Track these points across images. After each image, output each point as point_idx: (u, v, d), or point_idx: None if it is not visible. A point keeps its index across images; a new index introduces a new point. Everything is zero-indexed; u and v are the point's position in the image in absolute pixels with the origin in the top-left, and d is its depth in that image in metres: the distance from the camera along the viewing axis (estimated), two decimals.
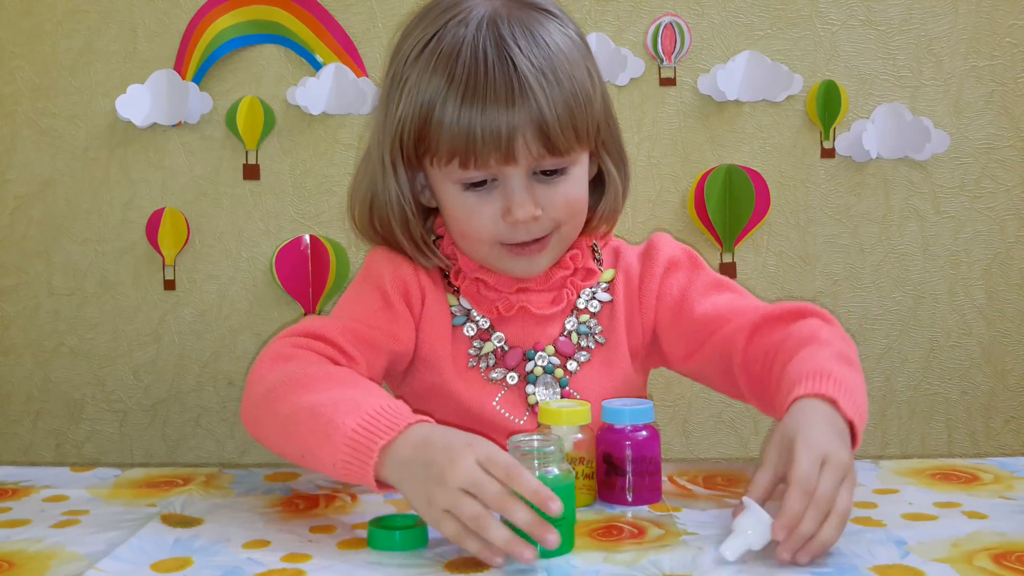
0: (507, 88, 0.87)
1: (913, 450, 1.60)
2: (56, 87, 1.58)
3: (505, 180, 0.91)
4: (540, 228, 0.93)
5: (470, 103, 0.88)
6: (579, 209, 0.96)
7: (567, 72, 0.90)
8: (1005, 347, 1.60)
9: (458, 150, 0.89)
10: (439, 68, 0.90)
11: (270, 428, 0.84)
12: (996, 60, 1.57)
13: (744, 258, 1.59)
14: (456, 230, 0.96)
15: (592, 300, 0.99)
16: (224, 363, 1.60)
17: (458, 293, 0.98)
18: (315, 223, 1.59)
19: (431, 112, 0.90)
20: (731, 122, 1.58)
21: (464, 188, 0.92)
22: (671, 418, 1.59)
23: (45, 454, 1.61)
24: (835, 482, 0.72)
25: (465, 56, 0.88)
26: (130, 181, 1.59)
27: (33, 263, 1.60)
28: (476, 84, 0.88)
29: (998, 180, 1.59)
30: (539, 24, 0.91)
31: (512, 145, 0.88)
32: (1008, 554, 0.70)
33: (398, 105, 0.93)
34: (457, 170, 0.90)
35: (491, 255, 0.95)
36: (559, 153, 0.90)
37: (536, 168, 0.91)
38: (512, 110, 0.87)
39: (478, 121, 0.88)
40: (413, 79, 0.91)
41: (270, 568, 0.70)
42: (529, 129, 0.88)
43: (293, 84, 1.56)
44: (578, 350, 0.98)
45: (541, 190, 0.92)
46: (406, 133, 0.92)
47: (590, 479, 0.84)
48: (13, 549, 0.75)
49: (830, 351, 0.86)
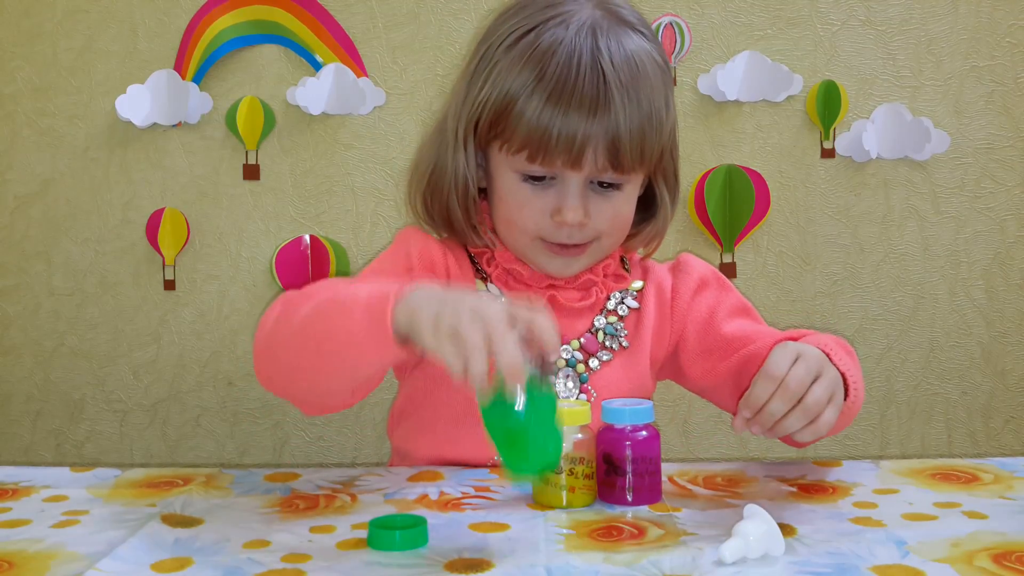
0: (593, 97, 0.90)
1: (913, 450, 1.60)
2: (56, 87, 1.58)
3: (564, 181, 0.93)
4: (583, 235, 0.95)
5: (555, 103, 0.90)
6: (623, 225, 0.98)
7: (648, 94, 0.92)
8: (1005, 347, 1.60)
9: (531, 144, 0.91)
10: (531, 62, 0.91)
11: (284, 346, 0.83)
12: (996, 60, 1.57)
13: (744, 258, 1.59)
14: (503, 216, 0.97)
15: (621, 304, 1.02)
16: (224, 363, 1.60)
17: (487, 280, 0.99)
18: (315, 223, 1.59)
19: (514, 102, 0.91)
20: (731, 122, 1.58)
21: (523, 179, 0.94)
22: (671, 418, 1.59)
23: (45, 454, 1.61)
24: (807, 372, 0.77)
25: (560, 57, 0.90)
26: (130, 181, 1.59)
27: (33, 263, 1.60)
28: (564, 86, 0.90)
29: (998, 180, 1.59)
30: (631, 40, 0.93)
31: (582, 152, 0.90)
32: (1008, 554, 0.70)
33: (482, 86, 0.94)
34: (523, 162, 0.93)
35: (530, 247, 0.97)
36: (623, 170, 0.93)
37: (595, 178, 0.94)
38: (592, 119, 0.90)
39: (558, 122, 0.90)
40: (503, 65, 0.93)
41: (270, 568, 0.70)
42: (602, 141, 0.90)
43: (293, 84, 1.56)
44: (601, 349, 1.00)
45: (594, 200, 0.94)
46: (484, 114, 0.94)
47: (590, 479, 0.84)
48: (13, 549, 0.75)
49: (823, 339, 0.89)
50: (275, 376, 0.86)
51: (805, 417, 0.78)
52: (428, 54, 1.58)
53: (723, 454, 1.58)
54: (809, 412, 0.78)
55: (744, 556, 0.70)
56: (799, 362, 0.79)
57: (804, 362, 0.79)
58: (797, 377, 0.78)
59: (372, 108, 1.57)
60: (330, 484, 0.92)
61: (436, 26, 1.57)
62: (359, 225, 1.59)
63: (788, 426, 0.78)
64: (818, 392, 0.79)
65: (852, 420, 0.88)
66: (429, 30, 1.57)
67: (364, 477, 0.94)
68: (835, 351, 0.85)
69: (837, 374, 0.83)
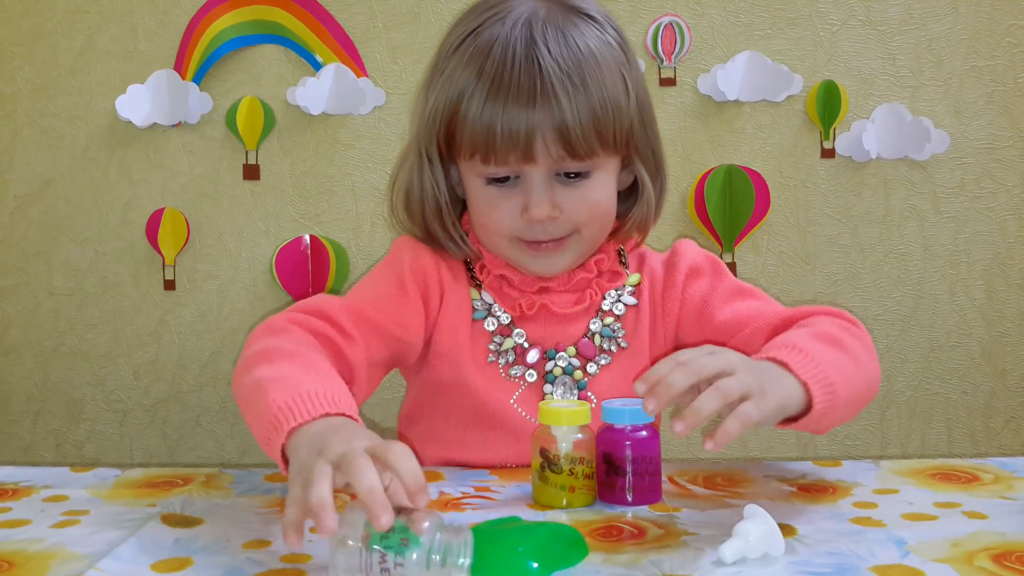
0: (530, 88, 0.88)
1: (913, 450, 1.60)
2: (56, 87, 1.58)
3: (526, 178, 0.92)
4: (558, 229, 0.93)
5: (493, 99, 0.89)
6: (600, 213, 0.95)
7: (597, 78, 0.90)
8: (1005, 347, 1.60)
9: (479, 145, 0.90)
10: (472, 62, 0.91)
11: (237, 397, 0.85)
12: (996, 60, 1.57)
13: (744, 258, 1.59)
14: (478, 222, 0.97)
15: (617, 303, 0.99)
16: (224, 363, 1.60)
17: (481, 287, 0.99)
18: (315, 223, 1.59)
19: (459, 105, 0.91)
20: (731, 122, 1.58)
21: (487, 183, 0.93)
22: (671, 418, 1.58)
23: (45, 454, 1.61)
24: (714, 363, 0.74)
25: (495, 53, 0.90)
26: (130, 181, 1.59)
27: (33, 263, 1.60)
28: (501, 81, 0.89)
29: (998, 180, 1.59)
30: (575, 28, 0.92)
31: (531, 145, 0.89)
32: (1008, 554, 0.70)
33: (435, 96, 0.94)
34: (479, 165, 0.92)
35: (509, 249, 0.96)
36: (579, 157, 0.91)
37: (559, 169, 0.92)
38: (532, 110, 0.88)
39: (499, 119, 0.89)
40: (449, 71, 0.93)
41: (270, 568, 0.70)
42: (549, 131, 0.89)
43: (293, 84, 1.56)
44: (599, 353, 0.98)
45: (562, 191, 0.92)
46: (438, 124, 0.93)
47: (590, 479, 0.84)
48: (13, 549, 0.75)
49: (809, 331, 0.86)
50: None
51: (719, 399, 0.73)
52: (428, 54, 1.56)
53: (723, 454, 1.58)
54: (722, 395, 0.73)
55: (744, 556, 0.70)
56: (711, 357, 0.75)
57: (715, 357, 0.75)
58: (696, 360, 0.74)
59: (372, 108, 1.57)
60: None
61: (436, 26, 1.57)
62: (359, 225, 1.59)
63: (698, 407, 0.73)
64: (729, 383, 0.74)
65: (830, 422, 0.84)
66: (429, 30, 1.57)
67: None
68: (796, 360, 0.80)
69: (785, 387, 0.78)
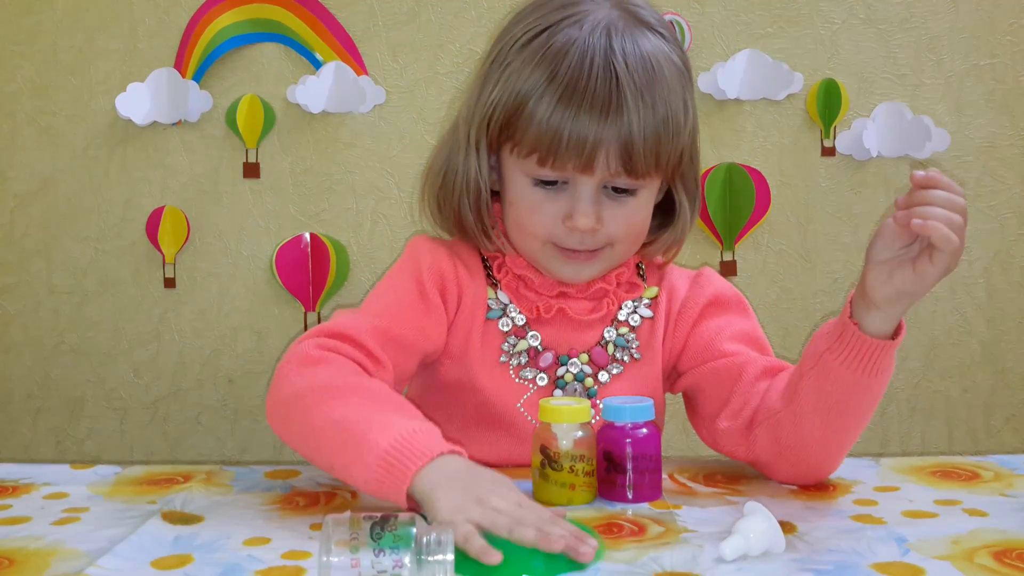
0: (605, 100, 0.87)
1: (913, 447, 1.60)
2: (56, 85, 1.58)
3: (575, 186, 0.91)
4: (594, 241, 0.93)
5: (565, 105, 0.88)
6: (637, 232, 0.95)
7: (664, 97, 0.90)
8: (1006, 345, 1.60)
9: (541, 147, 0.89)
10: (544, 62, 0.89)
11: (299, 435, 0.84)
12: (996, 58, 1.57)
13: (744, 256, 1.59)
14: (514, 220, 0.96)
15: (634, 314, 0.98)
16: (224, 361, 1.60)
17: (497, 287, 0.98)
18: (315, 221, 1.59)
19: (525, 103, 0.90)
20: (731, 120, 1.58)
21: (534, 183, 0.92)
22: (671, 415, 1.58)
23: (45, 451, 1.61)
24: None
25: (572, 58, 0.88)
26: (130, 179, 1.59)
27: (33, 261, 1.60)
28: (576, 88, 0.88)
29: (998, 179, 1.59)
30: (650, 44, 0.91)
31: (594, 156, 0.88)
32: (1008, 551, 0.70)
33: (494, 87, 0.93)
34: (534, 165, 0.91)
35: (541, 252, 0.95)
36: (636, 175, 0.90)
37: (609, 183, 0.91)
38: (604, 123, 0.88)
39: (568, 125, 0.88)
40: (515, 66, 0.91)
41: (270, 565, 0.70)
42: (614, 145, 0.88)
43: (293, 82, 1.56)
44: (612, 362, 0.97)
45: (607, 205, 0.92)
46: (495, 116, 0.92)
47: (591, 476, 0.84)
48: (13, 546, 0.75)
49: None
50: (289, 444, 0.87)
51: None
52: (428, 52, 1.57)
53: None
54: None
55: (745, 553, 0.70)
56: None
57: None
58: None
59: (372, 106, 1.57)
60: (330, 481, 0.92)
61: (436, 24, 1.57)
62: (359, 223, 1.59)
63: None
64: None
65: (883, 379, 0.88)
66: (429, 28, 1.57)
67: None
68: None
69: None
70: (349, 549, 0.63)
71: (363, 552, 0.63)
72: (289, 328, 1.59)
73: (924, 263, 0.79)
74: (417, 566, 0.63)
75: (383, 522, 0.65)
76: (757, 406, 0.90)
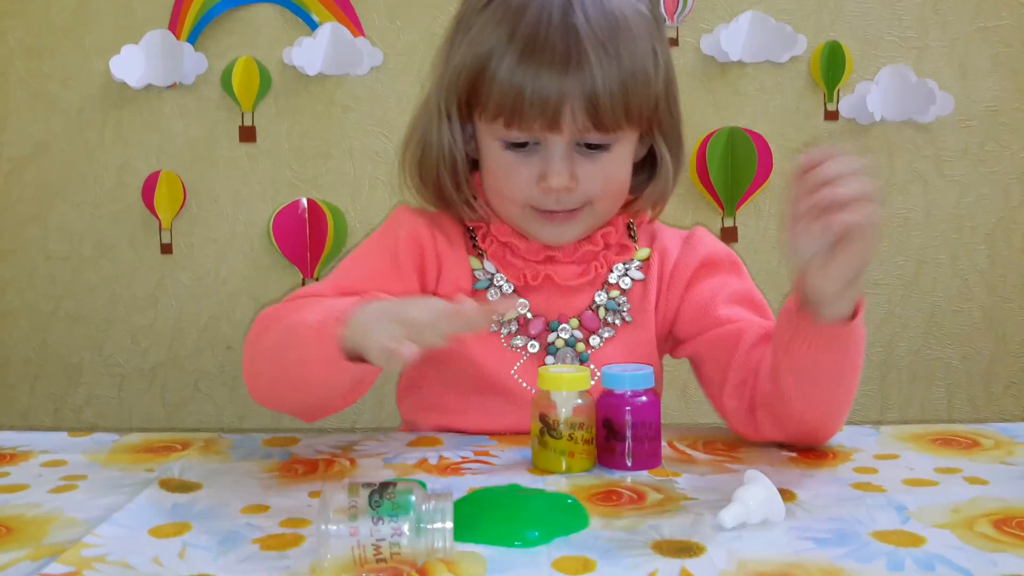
0: (564, 54, 0.86)
1: (913, 415, 1.60)
2: (49, 48, 1.56)
3: (547, 146, 0.90)
4: (572, 200, 0.91)
5: (525, 64, 0.86)
6: (616, 188, 0.94)
7: (629, 48, 0.88)
8: (1007, 312, 1.60)
9: (505, 109, 0.88)
10: (504, 21, 0.88)
11: (261, 373, 0.85)
12: (1003, 21, 1.55)
13: (746, 222, 1.58)
14: (491, 186, 0.95)
15: (624, 276, 0.97)
16: (222, 327, 1.59)
17: (483, 256, 0.97)
18: (312, 186, 1.57)
19: (487, 65, 0.88)
20: (734, 84, 1.56)
21: (505, 147, 0.91)
22: (671, 383, 1.58)
23: (44, 418, 1.62)
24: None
25: (530, 15, 0.87)
26: (125, 143, 1.57)
27: (28, 227, 1.59)
28: (535, 45, 0.86)
29: (1003, 143, 1.57)
30: None
31: (559, 113, 0.87)
32: (1009, 520, 0.70)
33: (459, 53, 0.91)
34: (502, 128, 0.89)
35: (521, 216, 0.94)
36: (605, 129, 0.88)
37: (580, 140, 0.89)
38: (565, 78, 0.86)
39: (529, 83, 0.86)
40: (477, 27, 0.90)
41: (269, 533, 0.70)
42: (578, 100, 0.86)
43: (289, 44, 1.54)
44: (603, 326, 0.96)
45: (581, 163, 0.90)
46: (462, 81, 0.91)
47: (589, 444, 0.83)
48: (11, 514, 0.75)
49: None
50: (264, 399, 0.89)
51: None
52: (426, 13, 1.55)
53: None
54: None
55: (744, 521, 0.69)
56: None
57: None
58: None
59: (369, 69, 1.55)
60: (329, 449, 0.91)
61: None
62: (357, 189, 1.58)
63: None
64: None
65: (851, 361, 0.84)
66: None
67: (363, 442, 0.94)
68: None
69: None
70: (347, 517, 0.63)
71: (362, 520, 0.63)
72: (287, 294, 1.58)
73: (849, 245, 0.75)
74: (416, 534, 0.63)
75: (382, 490, 0.64)
76: (754, 386, 0.89)
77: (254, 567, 0.64)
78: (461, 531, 0.66)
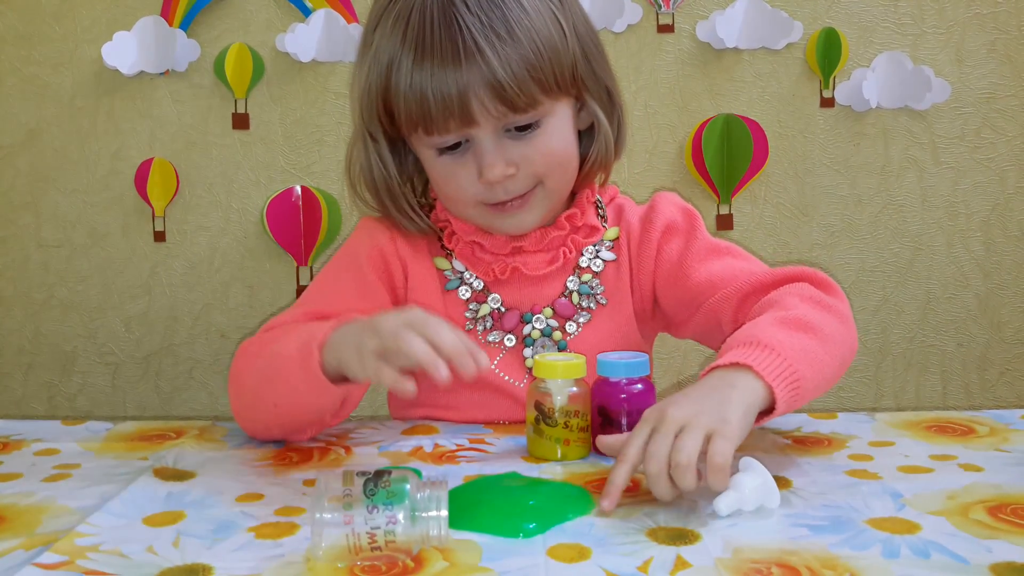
0: (452, 49, 0.84)
1: (908, 402, 1.60)
2: (40, 34, 1.54)
3: (474, 142, 0.89)
4: (520, 185, 0.90)
5: (419, 66, 0.85)
6: (561, 161, 0.92)
7: (525, 27, 0.86)
8: (1002, 299, 1.60)
9: (415, 116, 0.87)
10: (395, 30, 0.87)
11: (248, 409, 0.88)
12: (999, 7, 1.54)
13: (741, 209, 1.57)
14: (441, 194, 0.95)
15: (595, 259, 0.97)
16: (216, 315, 1.59)
17: (451, 256, 0.97)
18: (306, 174, 1.57)
19: (390, 78, 0.88)
20: (730, 70, 1.55)
21: (439, 153, 0.90)
22: (665, 371, 1.58)
23: (37, 407, 1.61)
24: (665, 444, 0.69)
25: (414, 18, 0.86)
26: (118, 131, 1.56)
27: (21, 215, 1.58)
28: (424, 46, 0.85)
29: (999, 130, 1.57)
30: None
31: (467, 107, 0.85)
32: (1003, 506, 0.70)
33: (366, 72, 0.90)
34: (424, 136, 0.89)
35: (477, 215, 0.93)
36: (520, 109, 0.87)
37: (506, 125, 0.88)
38: (459, 71, 0.84)
39: (428, 85, 0.85)
40: (376, 42, 0.89)
41: (263, 521, 0.70)
42: (482, 89, 0.85)
43: (282, 31, 1.53)
44: (579, 311, 0.96)
45: (514, 147, 0.89)
46: (375, 100, 0.90)
47: (585, 432, 0.83)
48: (4, 503, 0.75)
49: (778, 316, 0.83)
50: (256, 432, 0.90)
51: (682, 476, 0.69)
52: None
53: None
54: (684, 470, 0.69)
55: (739, 509, 0.69)
56: (655, 438, 0.71)
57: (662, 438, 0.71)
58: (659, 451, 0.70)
59: None
60: (324, 437, 0.91)
61: None
62: None
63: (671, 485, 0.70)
64: (687, 446, 0.70)
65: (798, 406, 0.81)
66: None
67: (358, 430, 0.94)
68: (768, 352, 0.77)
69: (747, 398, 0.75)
70: (342, 505, 0.62)
71: (356, 508, 0.62)
72: (281, 282, 1.58)
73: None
74: (411, 522, 0.63)
75: (377, 478, 0.64)
76: None
77: (249, 555, 0.64)
78: (457, 519, 0.66)
